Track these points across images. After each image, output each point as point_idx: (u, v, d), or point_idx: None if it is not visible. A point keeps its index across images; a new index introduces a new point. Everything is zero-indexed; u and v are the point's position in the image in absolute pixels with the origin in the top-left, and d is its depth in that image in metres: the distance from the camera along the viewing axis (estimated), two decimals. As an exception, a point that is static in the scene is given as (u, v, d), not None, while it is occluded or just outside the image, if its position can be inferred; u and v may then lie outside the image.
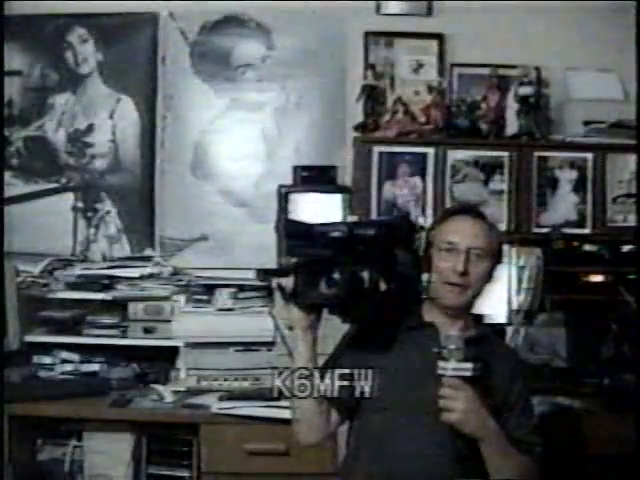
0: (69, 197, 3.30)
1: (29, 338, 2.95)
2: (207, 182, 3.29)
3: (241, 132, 3.30)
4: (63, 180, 3.31)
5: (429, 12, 3.29)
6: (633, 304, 2.81)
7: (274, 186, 3.14)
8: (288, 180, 3.14)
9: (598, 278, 2.97)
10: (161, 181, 3.29)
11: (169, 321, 2.92)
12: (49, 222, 3.26)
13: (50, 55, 3.30)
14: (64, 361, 2.94)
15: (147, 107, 3.29)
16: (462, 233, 1.89)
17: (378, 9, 3.30)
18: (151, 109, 3.29)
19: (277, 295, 1.87)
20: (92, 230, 3.29)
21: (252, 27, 3.29)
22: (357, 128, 3.17)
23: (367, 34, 3.28)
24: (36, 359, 2.94)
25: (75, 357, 2.95)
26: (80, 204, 3.30)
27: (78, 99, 3.31)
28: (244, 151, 3.30)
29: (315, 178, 3.12)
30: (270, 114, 3.30)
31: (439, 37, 3.29)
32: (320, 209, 3.05)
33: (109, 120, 3.31)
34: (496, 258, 1.93)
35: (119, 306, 2.99)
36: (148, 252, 3.23)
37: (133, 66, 3.29)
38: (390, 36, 3.29)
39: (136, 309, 2.96)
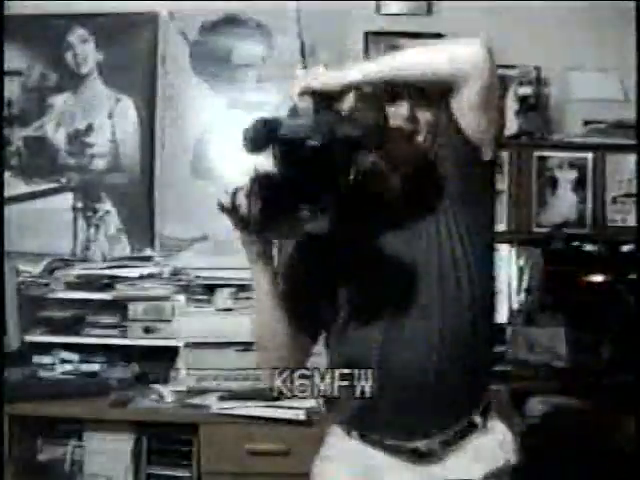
0: (69, 197, 3.30)
1: (29, 338, 2.95)
2: (207, 182, 3.29)
3: (241, 132, 3.29)
4: (63, 180, 3.30)
5: (429, 12, 3.29)
6: (633, 304, 2.81)
7: (274, 186, 3.13)
8: (288, 180, 3.14)
9: (598, 278, 2.98)
10: (161, 181, 3.29)
11: (169, 321, 2.92)
12: (49, 222, 3.26)
13: (50, 55, 3.29)
14: (64, 361, 2.94)
15: (147, 107, 3.29)
16: None
17: (378, 9, 3.30)
18: (151, 109, 3.29)
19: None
20: (92, 230, 3.30)
21: (252, 27, 3.29)
22: (357, 128, 3.16)
23: (367, 34, 3.28)
24: (36, 359, 2.94)
25: (75, 357, 2.95)
26: (80, 204, 3.30)
27: (78, 99, 3.30)
28: (244, 151, 3.30)
29: (315, 178, 3.12)
30: (270, 114, 3.29)
31: (439, 37, 3.29)
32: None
33: (109, 120, 3.30)
34: None
35: (119, 306, 2.98)
36: (148, 252, 3.23)
37: (133, 66, 3.29)
38: (390, 36, 3.29)
39: (136, 309, 2.96)
